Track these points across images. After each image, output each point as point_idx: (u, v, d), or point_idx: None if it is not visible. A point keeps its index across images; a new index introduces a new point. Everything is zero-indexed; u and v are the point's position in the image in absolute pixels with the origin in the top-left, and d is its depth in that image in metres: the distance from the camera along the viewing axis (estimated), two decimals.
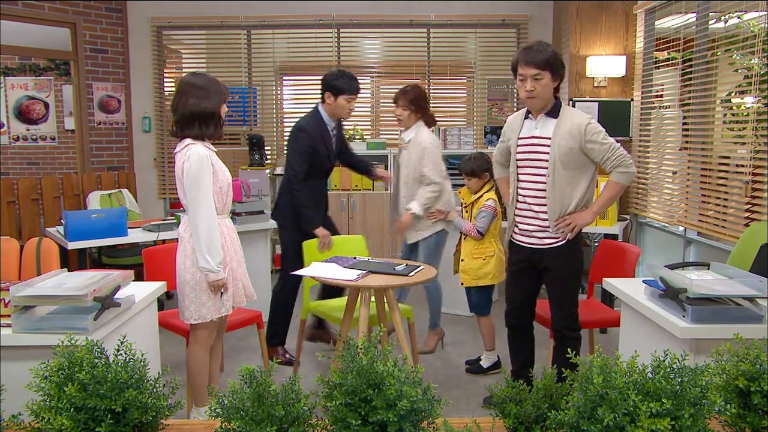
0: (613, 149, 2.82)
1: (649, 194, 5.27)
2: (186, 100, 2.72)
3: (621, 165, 2.82)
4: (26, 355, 1.91)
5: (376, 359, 1.21)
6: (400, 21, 6.41)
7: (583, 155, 2.83)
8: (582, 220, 2.86)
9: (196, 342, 2.87)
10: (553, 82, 2.80)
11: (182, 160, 2.69)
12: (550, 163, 2.83)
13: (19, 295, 1.90)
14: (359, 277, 2.95)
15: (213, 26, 6.46)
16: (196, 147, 2.69)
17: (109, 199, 5.48)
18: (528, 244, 2.99)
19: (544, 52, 2.75)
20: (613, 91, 5.59)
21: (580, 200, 2.88)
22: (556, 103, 2.88)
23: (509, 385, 1.34)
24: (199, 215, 2.66)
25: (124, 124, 6.38)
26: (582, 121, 2.82)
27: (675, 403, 1.06)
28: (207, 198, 2.67)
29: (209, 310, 2.76)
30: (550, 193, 2.86)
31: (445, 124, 6.51)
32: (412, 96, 3.89)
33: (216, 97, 2.75)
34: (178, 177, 2.73)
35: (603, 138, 2.81)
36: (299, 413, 1.22)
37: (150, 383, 1.34)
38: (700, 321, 2.01)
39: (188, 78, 2.80)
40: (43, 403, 1.26)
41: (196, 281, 2.73)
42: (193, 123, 2.72)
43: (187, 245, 2.74)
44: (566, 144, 2.80)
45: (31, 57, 7.05)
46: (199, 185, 2.66)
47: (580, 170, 2.86)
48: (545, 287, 3.06)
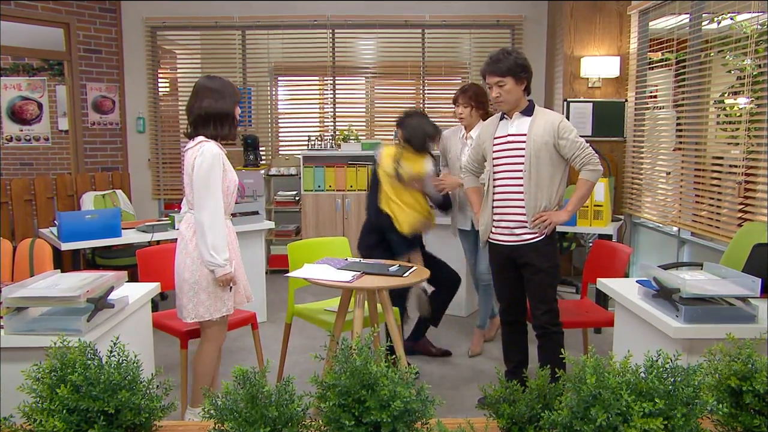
0: (583, 147, 2.98)
1: (643, 195, 5.29)
2: (201, 101, 2.76)
3: (590, 163, 2.98)
4: (19, 357, 1.90)
5: (369, 360, 1.21)
6: (394, 22, 6.42)
7: (556, 151, 2.98)
8: (557, 218, 3.00)
9: (207, 340, 2.89)
10: (517, 85, 2.99)
11: (194, 156, 2.71)
12: (526, 158, 2.97)
13: (12, 296, 1.89)
14: (354, 278, 2.95)
15: (207, 26, 6.45)
16: (210, 144, 2.73)
17: (103, 199, 5.46)
18: (506, 242, 3.09)
19: (505, 61, 2.97)
20: (607, 91, 5.61)
21: (553, 196, 3.01)
22: (530, 104, 3.06)
23: (503, 385, 1.34)
24: (205, 211, 2.69)
25: (118, 125, 6.36)
26: (555, 118, 3.01)
27: (668, 403, 1.07)
28: (215, 195, 2.71)
29: (207, 309, 2.78)
30: (527, 187, 2.98)
31: (440, 125, 6.50)
32: (471, 93, 3.94)
33: (230, 99, 2.82)
34: (187, 173, 2.75)
35: (574, 136, 2.98)
36: (293, 414, 1.22)
37: (143, 384, 1.33)
38: (693, 321, 2.02)
39: (204, 81, 2.84)
40: (36, 405, 1.25)
41: (196, 280, 2.74)
42: (208, 123, 2.77)
43: (189, 244, 2.75)
44: (541, 139, 2.96)
45: (24, 57, 7.02)
46: (209, 182, 2.69)
47: (554, 167, 3.00)
48: (525, 284, 3.12)
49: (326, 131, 6.63)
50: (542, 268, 3.02)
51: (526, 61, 3.02)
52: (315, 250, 3.62)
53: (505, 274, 3.17)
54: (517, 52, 3.03)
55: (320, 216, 6.05)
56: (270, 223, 4.80)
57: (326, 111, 6.72)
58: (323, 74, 6.66)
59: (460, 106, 3.98)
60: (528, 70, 3.02)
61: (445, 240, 4.91)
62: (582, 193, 3.04)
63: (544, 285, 3.05)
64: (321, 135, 6.44)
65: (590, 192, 3.09)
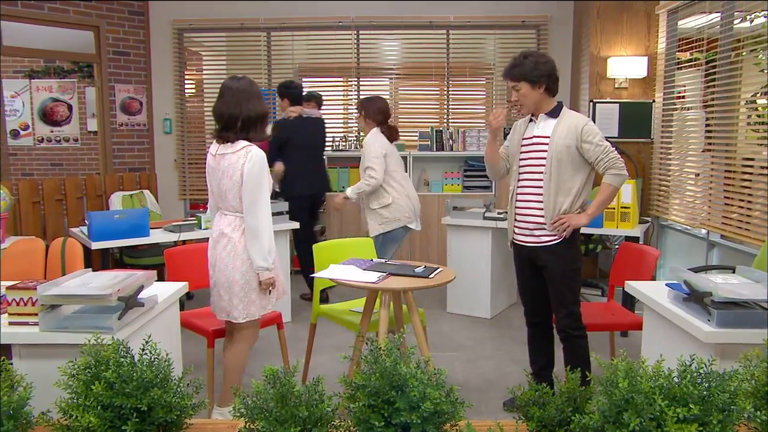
0: (607, 151, 2.92)
1: (671, 196, 5.21)
2: (248, 104, 2.77)
3: (613, 167, 2.93)
4: (52, 353, 1.94)
5: (399, 361, 1.21)
6: (419, 23, 6.41)
7: (579, 155, 2.94)
8: (576, 221, 2.95)
9: (242, 340, 2.93)
10: (533, 89, 2.96)
11: (241, 161, 2.72)
12: (547, 160, 2.95)
13: (46, 294, 1.93)
14: (380, 279, 2.95)
15: (233, 28, 6.51)
16: (256, 149, 2.75)
17: (130, 199, 5.55)
18: (525, 242, 3.08)
19: (520, 66, 2.95)
20: (634, 92, 5.54)
21: (574, 199, 2.97)
22: (557, 105, 3.02)
23: (532, 388, 1.33)
24: (260, 215, 2.73)
25: (145, 126, 6.45)
26: (580, 121, 2.96)
27: (702, 409, 1.05)
28: (267, 198, 2.76)
29: (258, 307, 2.84)
30: (546, 189, 2.96)
31: (464, 126, 6.50)
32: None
33: (263, 100, 2.86)
34: (230, 177, 2.74)
35: (599, 140, 2.93)
36: (322, 414, 1.23)
37: (174, 383, 1.35)
38: (726, 325, 1.98)
39: (244, 84, 2.83)
40: (71, 401, 1.28)
41: (246, 280, 2.79)
42: (253, 126, 2.79)
43: (237, 245, 2.78)
44: (563, 142, 2.92)
45: (55, 60, 7.16)
46: (261, 186, 2.73)
47: (576, 170, 2.95)
48: (548, 286, 3.10)
49: (350, 132, 6.65)
50: (559, 271, 3.00)
51: (547, 65, 2.96)
52: (340, 250, 3.63)
53: (527, 276, 3.16)
54: (538, 55, 3.00)
55: (344, 216, 6.07)
56: (295, 224, 4.82)
57: (350, 112, 6.74)
58: (347, 75, 6.68)
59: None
60: (547, 74, 2.95)
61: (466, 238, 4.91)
62: (603, 198, 2.98)
63: (562, 289, 3.02)
64: (345, 136, 6.46)
65: (612, 197, 3.02)
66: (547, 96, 3.00)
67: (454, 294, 4.97)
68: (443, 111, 6.68)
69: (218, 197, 2.85)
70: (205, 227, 4.36)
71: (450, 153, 6.19)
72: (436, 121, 6.65)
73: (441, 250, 5.79)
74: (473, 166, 6.21)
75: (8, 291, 1.99)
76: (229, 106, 2.77)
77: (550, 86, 2.98)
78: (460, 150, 6.18)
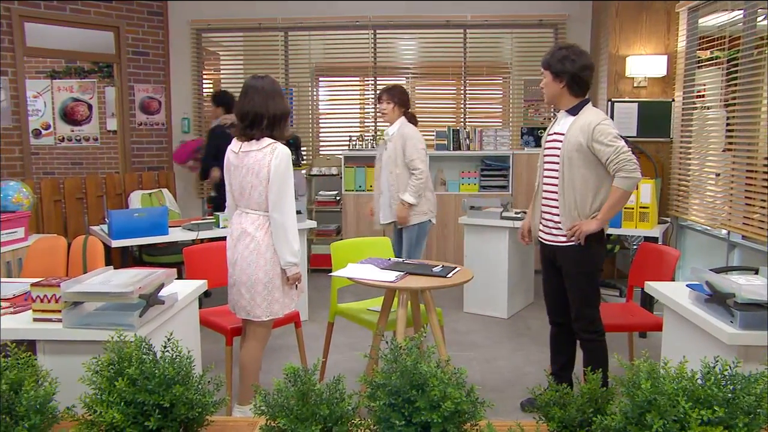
0: (618, 152, 2.80)
1: (691, 196, 5.15)
2: (271, 102, 2.80)
3: (623, 170, 2.80)
4: (75, 349, 1.96)
5: (420, 360, 1.21)
6: (436, 22, 6.40)
7: (591, 153, 2.85)
8: (587, 227, 2.87)
9: (255, 339, 2.94)
10: (554, 82, 2.91)
11: (268, 158, 2.74)
12: (560, 158, 2.91)
13: (69, 291, 1.96)
14: (398, 278, 2.95)
15: (251, 28, 6.54)
16: (282, 146, 2.79)
17: (149, 198, 5.60)
18: (547, 241, 3.06)
19: (551, 55, 2.92)
20: (653, 91, 5.49)
21: (589, 199, 2.88)
22: (580, 102, 2.93)
23: (552, 388, 1.32)
24: (287, 211, 2.77)
25: (164, 125, 6.51)
26: (594, 119, 2.85)
27: (728, 412, 1.04)
28: (292, 196, 2.80)
29: (281, 306, 2.87)
30: (560, 187, 2.92)
31: (481, 126, 6.48)
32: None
33: (285, 98, 2.91)
34: (255, 174, 2.76)
35: (610, 140, 2.81)
36: (343, 413, 1.23)
37: (195, 380, 1.36)
38: (749, 327, 1.95)
39: (266, 82, 2.85)
40: (95, 397, 1.29)
41: (270, 278, 2.81)
42: (279, 124, 2.83)
43: (261, 243, 2.80)
44: (575, 140, 2.85)
45: (76, 60, 7.25)
46: (288, 183, 2.77)
47: (590, 169, 2.87)
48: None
49: (367, 131, 6.66)
50: (573, 273, 2.96)
51: (575, 64, 2.86)
52: (357, 249, 3.64)
53: (549, 274, 3.14)
54: (573, 52, 2.88)
55: (361, 216, 6.08)
56: (312, 223, 4.84)
57: (367, 111, 6.75)
58: (364, 75, 6.68)
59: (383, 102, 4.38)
60: (571, 72, 2.86)
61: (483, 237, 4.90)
62: (611, 202, 2.85)
63: (573, 290, 2.99)
64: (362, 135, 6.47)
65: (622, 200, 2.88)
66: (568, 93, 2.92)
67: (470, 293, 4.95)
68: (460, 110, 6.67)
69: (239, 195, 2.86)
70: (222, 226, 4.39)
71: (467, 152, 6.18)
72: (452, 121, 6.64)
73: (458, 249, 5.79)
74: (490, 165, 6.19)
75: (33, 288, 2.02)
76: (254, 104, 2.79)
77: (572, 85, 2.89)
78: (477, 149, 6.17)
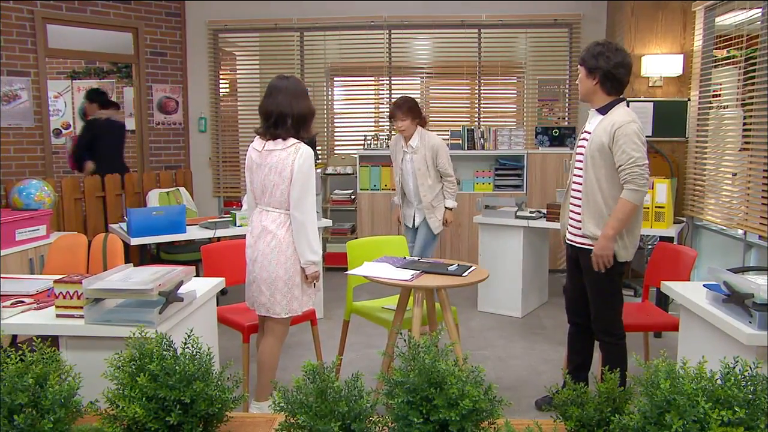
0: (631, 162, 2.72)
1: (707, 196, 5.11)
2: (296, 102, 2.83)
3: (631, 182, 2.74)
4: (96, 345, 2.00)
5: (438, 358, 1.22)
6: (451, 22, 6.40)
7: (612, 154, 2.79)
8: (600, 251, 2.81)
9: (273, 336, 2.97)
10: (588, 78, 2.86)
11: (292, 157, 2.78)
12: (584, 157, 2.88)
13: (91, 288, 1.99)
14: (413, 277, 2.96)
15: (267, 28, 6.58)
16: (306, 147, 2.82)
17: (167, 196, 5.65)
18: (571, 240, 3.04)
19: (587, 50, 2.87)
20: (669, 90, 5.45)
21: (612, 201, 2.83)
22: (612, 101, 2.87)
23: (570, 387, 1.33)
24: (307, 210, 2.80)
25: (181, 125, 6.56)
26: (619, 120, 2.78)
27: (748, 413, 1.04)
28: (314, 194, 2.84)
29: (299, 304, 2.90)
30: (583, 186, 2.89)
31: (495, 125, 6.46)
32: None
33: (309, 98, 2.92)
34: (278, 172, 2.79)
35: (627, 147, 2.73)
36: (362, 410, 1.24)
37: (215, 376, 1.38)
38: None
39: (291, 82, 2.88)
40: (118, 392, 1.32)
41: (290, 276, 2.84)
42: (305, 124, 2.86)
43: (282, 241, 2.83)
44: (599, 139, 2.81)
45: (96, 61, 7.33)
46: (310, 183, 2.81)
47: (612, 170, 2.81)
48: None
49: (382, 131, 6.67)
50: (591, 275, 2.93)
51: (610, 62, 2.78)
52: (373, 248, 3.65)
53: (572, 273, 3.12)
54: (610, 49, 2.81)
55: (375, 215, 6.10)
56: (327, 221, 4.86)
57: (382, 111, 6.76)
58: (379, 74, 6.70)
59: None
60: (604, 69, 2.79)
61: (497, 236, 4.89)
62: (617, 215, 2.76)
63: (593, 291, 2.97)
64: (376, 134, 6.48)
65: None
66: (600, 90, 2.84)
67: (485, 292, 4.95)
68: (474, 110, 6.66)
69: (260, 193, 2.89)
70: (239, 224, 4.43)
71: (481, 152, 6.17)
72: (467, 120, 6.63)
73: (472, 248, 5.78)
74: (504, 164, 6.17)
75: (56, 284, 2.06)
76: (279, 104, 2.82)
77: (604, 82, 2.81)
78: (492, 149, 6.16)
